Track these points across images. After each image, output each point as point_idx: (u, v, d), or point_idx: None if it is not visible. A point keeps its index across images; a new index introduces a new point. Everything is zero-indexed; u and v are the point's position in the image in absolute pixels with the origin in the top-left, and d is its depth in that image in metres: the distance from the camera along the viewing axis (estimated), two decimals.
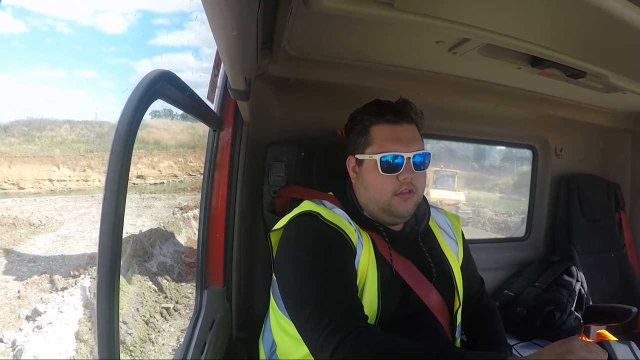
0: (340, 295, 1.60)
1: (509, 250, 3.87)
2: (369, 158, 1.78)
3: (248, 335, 2.28)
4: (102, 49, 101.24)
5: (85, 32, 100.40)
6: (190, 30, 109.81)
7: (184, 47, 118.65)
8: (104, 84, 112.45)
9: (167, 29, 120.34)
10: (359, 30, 2.01)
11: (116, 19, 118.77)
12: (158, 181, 27.32)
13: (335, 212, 1.78)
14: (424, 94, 2.62)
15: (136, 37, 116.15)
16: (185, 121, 32.61)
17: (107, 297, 1.01)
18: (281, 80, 2.47)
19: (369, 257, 1.73)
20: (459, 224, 2.20)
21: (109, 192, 1.01)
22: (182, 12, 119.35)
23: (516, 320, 3.24)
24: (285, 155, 2.37)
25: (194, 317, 2.19)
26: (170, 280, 12.90)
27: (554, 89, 2.87)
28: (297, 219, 1.76)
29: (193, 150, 30.02)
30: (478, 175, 18.92)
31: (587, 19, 1.53)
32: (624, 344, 1.88)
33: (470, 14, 1.66)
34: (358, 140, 1.83)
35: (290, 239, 1.75)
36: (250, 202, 2.46)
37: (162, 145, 30.00)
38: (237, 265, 2.42)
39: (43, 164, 25.79)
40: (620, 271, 3.85)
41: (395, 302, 1.74)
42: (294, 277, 1.69)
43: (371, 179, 1.79)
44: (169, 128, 31.67)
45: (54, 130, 30.25)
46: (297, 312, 1.63)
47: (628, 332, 3.53)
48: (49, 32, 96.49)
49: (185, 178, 28.67)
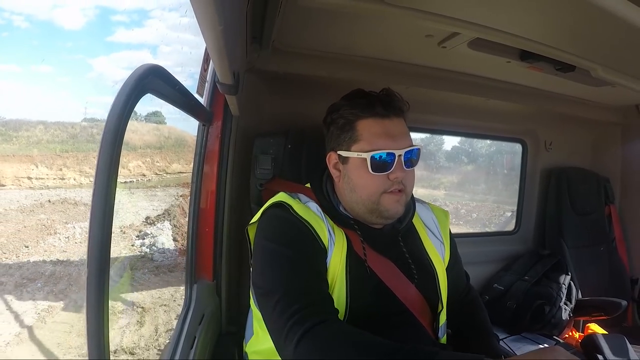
0: (308, 285, 1.55)
1: (498, 244, 3.88)
2: (357, 156, 1.67)
3: (238, 330, 2.27)
4: (59, 44, 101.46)
5: (43, 27, 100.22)
6: (149, 28, 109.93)
7: (142, 45, 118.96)
8: (60, 79, 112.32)
9: (126, 25, 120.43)
10: (349, 24, 2.01)
11: (74, 15, 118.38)
12: (128, 180, 27.44)
13: (309, 207, 1.73)
14: (414, 88, 2.62)
15: (94, 33, 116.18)
16: (150, 123, 33.25)
17: (97, 294, 1.01)
18: (271, 74, 2.45)
19: (341, 256, 1.67)
20: (447, 220, 2.10)
21: (99, 187, 1.00)
22: (142, 10, 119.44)
23: (506, 314, 3.24)
24: (272, 147, 2.35)
25: (183, 311, 2.18)
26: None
27: (543, 83, 2.88)
28: (270, 210, 1.72)
29: (159, 151, 30.36)
30: (425, 174, 19.18)
31: (576, 13, 1.53)
32: (611, 337, 1.89)
33: (459, 8, 1.66)
34: (341, 135, 1.72)
35: (261, 230, 1.70)
36: (240, 196, 2.45)
37: (131, 146, 30.08)
38: (227, 259, 2.42)
39: (22, 163, 26.10)
40: (610, 265, 3.87)
41: (366, 301, 1.67)
42: (263, 266, 1.63)
43: (359, 178, 1.68)
44: (136, 129, 31.70)
45: (29, 131, 30.54)
46: (264, 301, 1.57)
47: (618, 326, 3.56)
48: (6, 27, 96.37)
49: (152, 177, 28.99)
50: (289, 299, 1.48)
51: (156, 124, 32.50)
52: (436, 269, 1.89)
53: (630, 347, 1.88)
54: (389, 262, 1.75)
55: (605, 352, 1.76)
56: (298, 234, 1.63)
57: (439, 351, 1.34)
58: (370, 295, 1.69)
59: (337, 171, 1.77)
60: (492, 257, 3.74)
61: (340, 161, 1.74)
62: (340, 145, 1.73)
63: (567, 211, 3.78)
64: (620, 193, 4.11)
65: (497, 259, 3.76)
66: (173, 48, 28.00)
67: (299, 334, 1.37)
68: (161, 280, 11.46)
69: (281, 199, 1.73)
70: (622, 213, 4.10)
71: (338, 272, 1.65)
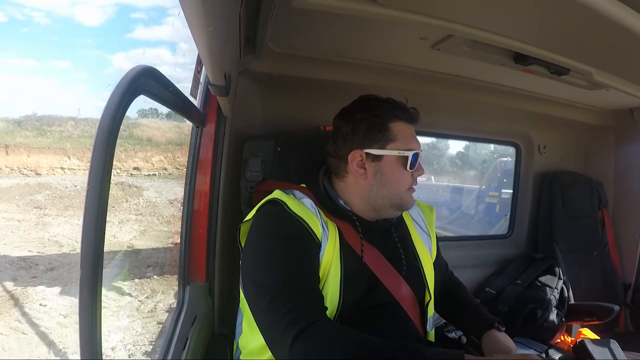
0: (302, 284, 1.57)
1: (491, 248, 3.88)
2: (397, 154, 1.76)
3: (230, 331, 2.27)
4: (78, 40, 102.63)
5: (62, 23, 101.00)
6: (168, 26, 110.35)
7: (160, 42, 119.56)
8: (78, 74, 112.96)
9: (145, 23, 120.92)
10: (343, 27, 2.01)
11: (94, 12, 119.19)
12: (151, 173, 29.36)
13: (303, 203, 1.74)
14: (407, 90, 2.62)
15: (113, 29, 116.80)
16: (172, 121, 34.53)
17: (90, 293, 1.00)
18: (264, 76, 2.46)
19: (334, 249, 1.70)
20: (433, 215, 2.20)
21: (92, 187, 1.00)
22: (161, 7, 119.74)
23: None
24: (262, 150, 2.35)
25: (175, 312, 2.18)
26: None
27: (537, 86, 2.89)
28: (264, 207, 1.74)
29: (180, 147, 31.63)
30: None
31: (570, 16, 1.53)
32: (603, 342, 1.89)
33: (454, 11, 1.66)
34: (374, 134, 1.75)
35: (255, 227, 1.72)
36: (233, 198, 2.45)
37: (154, 142, 31.85)
38: (220, 261, 2.42)
39: (56, 155, 28.45)
40: (603, 269, 3.87)
41: (359, 293, 1.71)
42: (255, 264, 1.65)
43: (393, 174, 1.77)
44: (159, 127, 33.41)
45: (61, 126, 32.60)
46: (256, 300, 1.59)
47: (610, 331, 3.56)
48: (26, 22, 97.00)
49: (173, 171, 30.53)
50: (282, 298, 1.49)
51: (177, 122, 33.95)
52: (423, 261, 1.96)
53: (622, 353, 1.88)
54: (379, 254, 1.81)
55: (596, 357, 1.76)
56: (292, 231, 1.64)
57: (424, 348, 1.43)
58: (361, 287, 1.72)
59: (362, 169, 1.78)
60: (485, 260, 3.74)
61: (369, 159, 1.77)
62: (372, 144, 1.76)
63: (560, 215, 3.79)
64: (613, 197, 4.10)
65: (489, 262, 3.76)
66: (190, 46, 28.25)
67: (293, 334, 1.40)
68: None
69: (276, 196, 1.74)
70: (615, 217, 4.10)
71: (330, 266, 1.67)
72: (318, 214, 1.74)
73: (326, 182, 1.88)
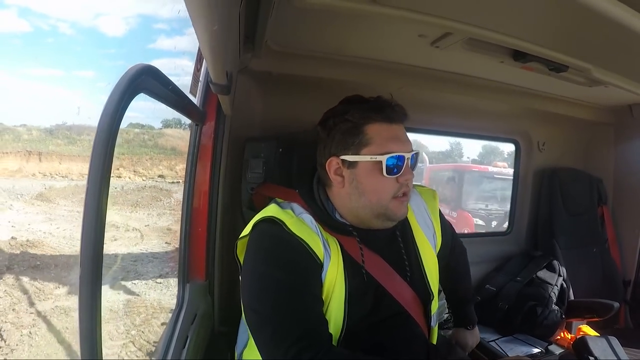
0: (303, 312, 1.52)
1: (491, 245, 3.89)
2: (370, 159, 1.61)
3: (230, 330, 2.26)
4: (101, 51, 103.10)
5: (86, 34, 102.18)
6: (190, 36, 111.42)
7: (182, 53, 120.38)
8: (101, 84, 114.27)
9: (167, 33, 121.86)
10: (342, 25, 2.00)
11: (117, 22, 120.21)
12: (175, 180, 30.61)
13: (304, 219, 1.65)
14: (407, 88, 2.62)
15: (136, 40, 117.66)
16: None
17: (90, 293, 1.00)
18: (263, 74, 2.45)
19: (337, 268, 1.62)
20: (436, 200, 2.09)
21: (91, 188, 0.99)
22: (183, 19, 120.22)
23: (497, 315, 3.26)
24: (263, 151, 2.33)
25: (175, 311, 2.18)
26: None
27: (536, 83, 2.89)
28: (260, 225, 1.65)
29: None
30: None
31: (569, 13, 1.53)
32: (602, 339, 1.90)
33: (452, 8, 1.65)
34: (348, 139, 1.64)
35: (252, 249, 1.64)
36: (232, 197, 2.45)
37: (178, 151, 33.42)
38: (220, 259, 2.42)
39: (86, 162, 28.96)
40: (603, 266, 3.88)
41: (366, 309, 1.66)
42: (253, 289, 1.59)
43: (370, 182, 1.63)
44: (182, 137, 34.93)
45: (90, 135, 33.53)
46: (258, 329, 1.54)
47: (610, 327, 3.56)
48: (51, 32, 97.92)
49: None
50: (285, 329, 1.47)
51: None
52: (426, 263, 1.88)
53: (622, 350, 1.88)
54: (382, 261, 1.73)
55: (596, 354, 1.77)
56: (292, 255, 1.57)
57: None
58: (368, 302, 1.67)
59: (340, 177, 1.69)
60: (485, 257, 3.74)
61: (344, 166, 1.67)
62: (345, 150, 1.65)
63: (559, 212, 3.79)
64: (613, 194, 4.10)
65: (489, 259, 3.76)
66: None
67: None
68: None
69: (273, 213, 1.65)
70: (614, 214, 4.09)
71: (336, 282, 1.61)
72: (318, 231, 1.65)
73: (321, 192, 1.78)
